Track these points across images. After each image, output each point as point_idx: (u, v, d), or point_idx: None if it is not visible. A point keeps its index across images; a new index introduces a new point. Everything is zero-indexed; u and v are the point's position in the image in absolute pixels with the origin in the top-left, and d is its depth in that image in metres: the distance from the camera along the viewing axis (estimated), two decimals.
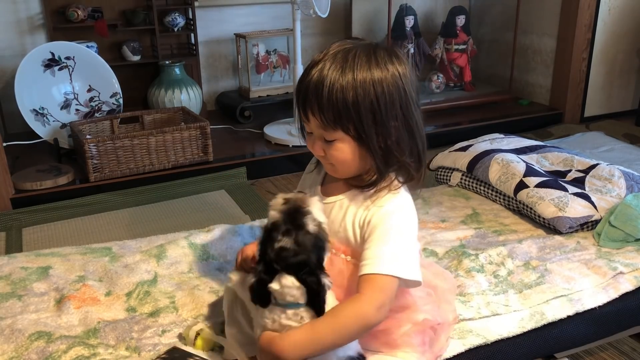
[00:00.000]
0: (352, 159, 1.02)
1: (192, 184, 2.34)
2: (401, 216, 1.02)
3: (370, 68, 0.97)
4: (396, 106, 0.99)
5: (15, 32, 2.80)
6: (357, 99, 0.96)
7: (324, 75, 0.97)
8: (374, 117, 0.98)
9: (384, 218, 1.01)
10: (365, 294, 0.95)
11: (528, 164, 1.92)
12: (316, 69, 0.98)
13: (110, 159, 2.28)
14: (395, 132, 1.00)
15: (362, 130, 0.98)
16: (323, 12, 2.45)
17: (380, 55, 0.99)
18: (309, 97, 0.99)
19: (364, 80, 0.96)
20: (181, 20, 3.00)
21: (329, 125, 0.98)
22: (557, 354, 1.36)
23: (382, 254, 0.98)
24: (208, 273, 1.53)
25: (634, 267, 1.49)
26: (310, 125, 1.02)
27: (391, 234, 1.00)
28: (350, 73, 0.96)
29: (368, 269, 0.97)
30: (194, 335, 1.22)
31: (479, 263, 1.51)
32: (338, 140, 1.00)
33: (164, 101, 2.86)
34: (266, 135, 2.75)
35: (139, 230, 1.95)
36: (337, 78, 0.96)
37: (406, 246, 1.01)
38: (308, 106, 0.99)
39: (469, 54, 3.31)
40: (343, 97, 0.96)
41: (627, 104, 3.28)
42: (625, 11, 3.06)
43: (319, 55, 1.00)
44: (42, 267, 1.54)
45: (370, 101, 0.96)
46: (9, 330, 1.26)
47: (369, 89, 0.96)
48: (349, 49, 0.99)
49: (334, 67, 0.97)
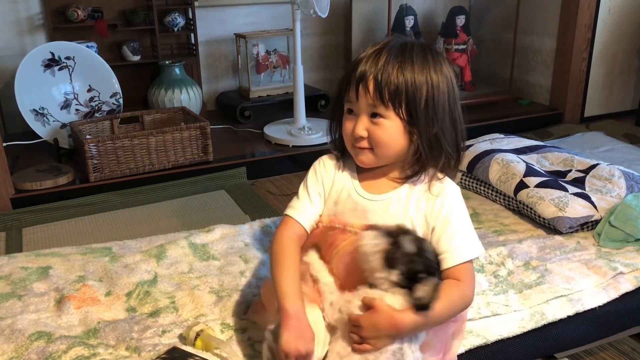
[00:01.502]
0: (395, 141, 1.05)
1: (192, 184, 2.34)
2: (460, 200, 1.11)
3: (427, 61, 1.03)
4: (447, 98, 1.04)
5: (15, 32, 2.80)
6: (415, 83, 1.01)
7: (382, 57, 1.02)
8: (427, 104, 1.02)
9: (451, 207, 1.08)
10: (465, 280, 1.06)
11: (528, 164, 1.92)
12: (374, 55, 1.03)
13: (110, 159, 2.28)
14: (442, 123, 1.05)
15: (414, 113, 1.02)
16: (323, 12, 2.45)
17: (434, 53, 1.05)
18: (367, 73, 1.03)
19: (422, 68, 1.02)
20: (181, 20, 3.00)
21: (382, 102, 1.02)
22: (557, 354, 1.36)
23: (464, 241, 1.07)
24: (208, 273, 1.53)
25: (634, 267, 1.49)
26: (358, 103, 1.05)
27: (462, 219, 1.09)
28: (410, 61, 1.02)
29: (460, 258, 1.06)
30: (194, 336, 1.22)
31: (479, 263, 1.51)
32: (387, 118, 1.03)
33: (164, 101, 2.86)
34: (266, 135, 2.75)
35: (139, 230, 1.95)
36: (398, 61, 1.02)
37: (471, 226, 1.11)
38: (364, 81, 1.03)
39: (469, 54, 3.31)
40: (404, 78, 1.01)
41: (627, 104, 3.28)
42: (625, 11, 3.06)
43: (374, 46, 1.06)
44: (42, 267, 1.54)
45: (426, 89, 1.02)
46: (9, 330, 1.26)
47: (427, 77, 1.02)
48: (405, 44, 1.05)
49: (393, 55, 1.02)
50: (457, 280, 1.05)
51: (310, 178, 1.18)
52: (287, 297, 1.04)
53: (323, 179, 1.17)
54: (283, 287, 1.06)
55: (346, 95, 1.07)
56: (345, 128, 1.09)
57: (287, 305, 1.02)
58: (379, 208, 1.10)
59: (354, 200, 1.12)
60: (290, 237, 1.13)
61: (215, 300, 1.40)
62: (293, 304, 1.03)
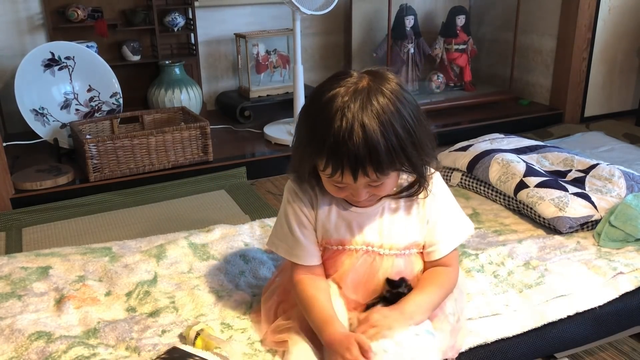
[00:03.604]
0: (396, 184, 1.09)
1: (192, 184, 2.34)
2: (443, 188, 1.16)
3: (390, 100, 0.97)
4: (416, 117, 1.01)
5: (15, 32, 2.80)
6: (400, 140, 0.97)
7: (369, 132, 0.94)
8: (413, 144, 1.00)
9: (434, 199, 1.13)
10: (453, 265, 1.16)
11: (528, 164, 1.92)
12: (351, 124, 0.94)
13: (110, 159, 2.28)
14: (424, 142, 1.03)
15: (408, 162, 1.01)
16: (311, 9, 2.42)
17: (382, 86, 0.99)
18: (362, 163, 0.96)
19: (395, 113, 0.97)
20: (181, 20, 3.00)
21: (383, 176, 1.00)
22: (557, 354, 1.36)
23: (447, 233, 1.14)
24: (208, 273, 1.53)
25: (634, 267, 1.48)
26: (355, 183, 1.00)
27: (446, 207, 1.15)
28: (385, 117, 0.95)
29: (449, 248, 1.14)
30: (194, 335, 1.22)
31: (479, 263, 1.51)
32: (387, 179, 1.02)
33: (164, 101, 2.86)
34: (266, 135, 2.75)
35: (139, 230, 1.95)
36: (378, 135, 0.95)
37: (455, 208, 1.18)
38: (362, 170, 0.97)
39: (469, 53, 3.31)
40: (391, 142, 0.96)
41: (627, 104, 3.28)
42: (625, 11, 3.06)
43: (334, 102, 0.97)
44: (42, 267, 1.54)
45: (407, 132, 0.98)
46: (8, 330, 1.26)
47: (403, 123, 0.97)
48: (355, 92, 0.97)
49: (365, 121, 0.94)
50: (446, 267, 1.15)
51: (291, 216, 1.14)
52: (323, 329, 1.06)
53: (304, 211, 1.14)
54: (315, 322, 1.09)
55: (331, 175, 0.99)
56: (336, 194, 1.07)
57: (326, 336, 1.06)
58: (370, 218, 1.12)
59: (343, 216, 1.13)
60: (309, 277, 1.15)
61: (215, 300, 1.40)
62: (329, 332, 1.06)
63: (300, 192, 1.14)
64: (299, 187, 1.14)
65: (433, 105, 3.13)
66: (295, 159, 1.08)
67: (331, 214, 1.13)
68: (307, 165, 1.05)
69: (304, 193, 1.14)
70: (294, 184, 1.15)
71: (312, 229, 1.14)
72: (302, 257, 1.14)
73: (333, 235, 1.13)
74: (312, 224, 1.14)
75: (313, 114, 1.01)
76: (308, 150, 1.01)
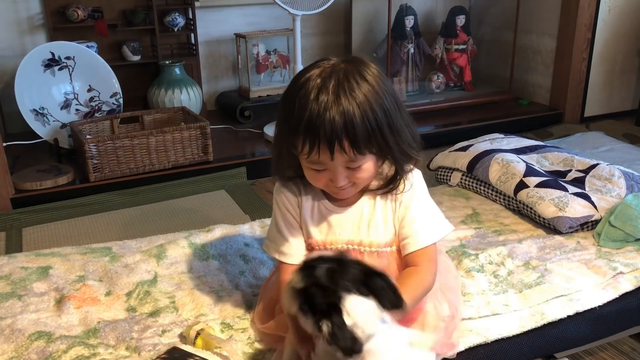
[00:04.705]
0: (374, 172, 1.07)
1: (192, 184, 2.34)
2: (421, 185, 1.14)
3: (368, 83, 0.98)
4: (394, 105, 1.01)
5: (15, 32, 2.80)
6: (377, 118, 0.98)
7: (344, 105, 0.95)
8: (390, 128, 1.00)
9: (412, 195, 1.11)
10: (423, 265, 1.10)
11: (528, 164, 1.92)
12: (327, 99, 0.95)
13: (110, 159, 2.28)
14: (402, 130, 1.03)
15: (385, 145, 1.01)
16: (302, 10, 2.43)
17: (359, 68, 0.99)
18: (338, 136, 0.95)
19: (373, 94, 0.97)
20: (181, 20, 3.00)
21: (360, 155, 0.99)
22: (557, 354, 1.36)
23: (422, 227, 1.11)
24: (208, 273, 1.53)
25: (634, 267, 1.49)
26: (332, 162, 1.00)
27: (421, 205, 1.12)
28: (361, 95, 0.96)
29: (417, 245, 1.10)
30: (194, 335, 1.22)
31: (479, 263, 1.51)
32: (364, 161, 1.02)
33: (164, 101, 2.86)
34: (266, 135, 2.75)
35: (139, 230, 1.95)
36: (354, 107, 0.95)
37: (433, 208, 1.15)
38: (338, 143, 0.96)
39: (469, 54, 3.31)
40: (369, 120, 0.96)
41: (627, 104, 3.28)
42: (625, 11, 3.06)
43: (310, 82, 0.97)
44: (42, 267, 1.54)
45: (384, 112, 0.98)
46: (9, 330, 1.26)
47: (381, 103, 0.98)
48: (332, 72, 0.98)
49: (342, 96, 0.95)
50: (415, 267, 1.09)
51: (279, 216, 1.17)
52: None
53: (289, 210, 1.16)
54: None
55: (308, 154, 0.99)
56: (316, 181, 1.06)
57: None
58: (350, 217, 1.12)
59: (324, 216, 1.14)
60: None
61: (215, 299, 1.40)
62: None
63: (286, 192, 1.16)
64: (285, 188, 1.16)
65: (433, 105, 3.13)
66: (274, 149, 1.09)
67: (314, 215, 1.14)
68: (285, 152, 1.05)
69: (290, 192, 1.16)
70: (279, 184, 1.17)
71: (299, 228, 1.16)
72: (289, 256, 1.16)
73: (316, 235, 1.15)
74: (298, 223, 1.16)
75: (289, 97, 1.01)
76: (286, 131, 1.01)
